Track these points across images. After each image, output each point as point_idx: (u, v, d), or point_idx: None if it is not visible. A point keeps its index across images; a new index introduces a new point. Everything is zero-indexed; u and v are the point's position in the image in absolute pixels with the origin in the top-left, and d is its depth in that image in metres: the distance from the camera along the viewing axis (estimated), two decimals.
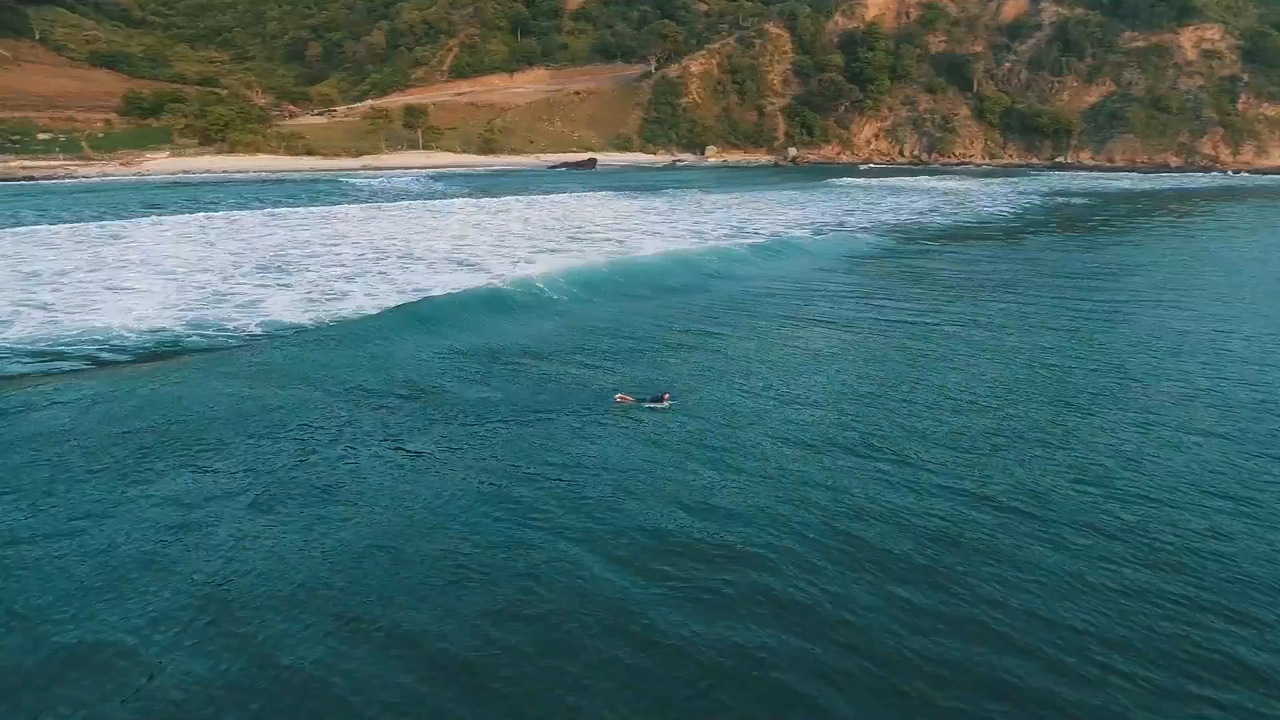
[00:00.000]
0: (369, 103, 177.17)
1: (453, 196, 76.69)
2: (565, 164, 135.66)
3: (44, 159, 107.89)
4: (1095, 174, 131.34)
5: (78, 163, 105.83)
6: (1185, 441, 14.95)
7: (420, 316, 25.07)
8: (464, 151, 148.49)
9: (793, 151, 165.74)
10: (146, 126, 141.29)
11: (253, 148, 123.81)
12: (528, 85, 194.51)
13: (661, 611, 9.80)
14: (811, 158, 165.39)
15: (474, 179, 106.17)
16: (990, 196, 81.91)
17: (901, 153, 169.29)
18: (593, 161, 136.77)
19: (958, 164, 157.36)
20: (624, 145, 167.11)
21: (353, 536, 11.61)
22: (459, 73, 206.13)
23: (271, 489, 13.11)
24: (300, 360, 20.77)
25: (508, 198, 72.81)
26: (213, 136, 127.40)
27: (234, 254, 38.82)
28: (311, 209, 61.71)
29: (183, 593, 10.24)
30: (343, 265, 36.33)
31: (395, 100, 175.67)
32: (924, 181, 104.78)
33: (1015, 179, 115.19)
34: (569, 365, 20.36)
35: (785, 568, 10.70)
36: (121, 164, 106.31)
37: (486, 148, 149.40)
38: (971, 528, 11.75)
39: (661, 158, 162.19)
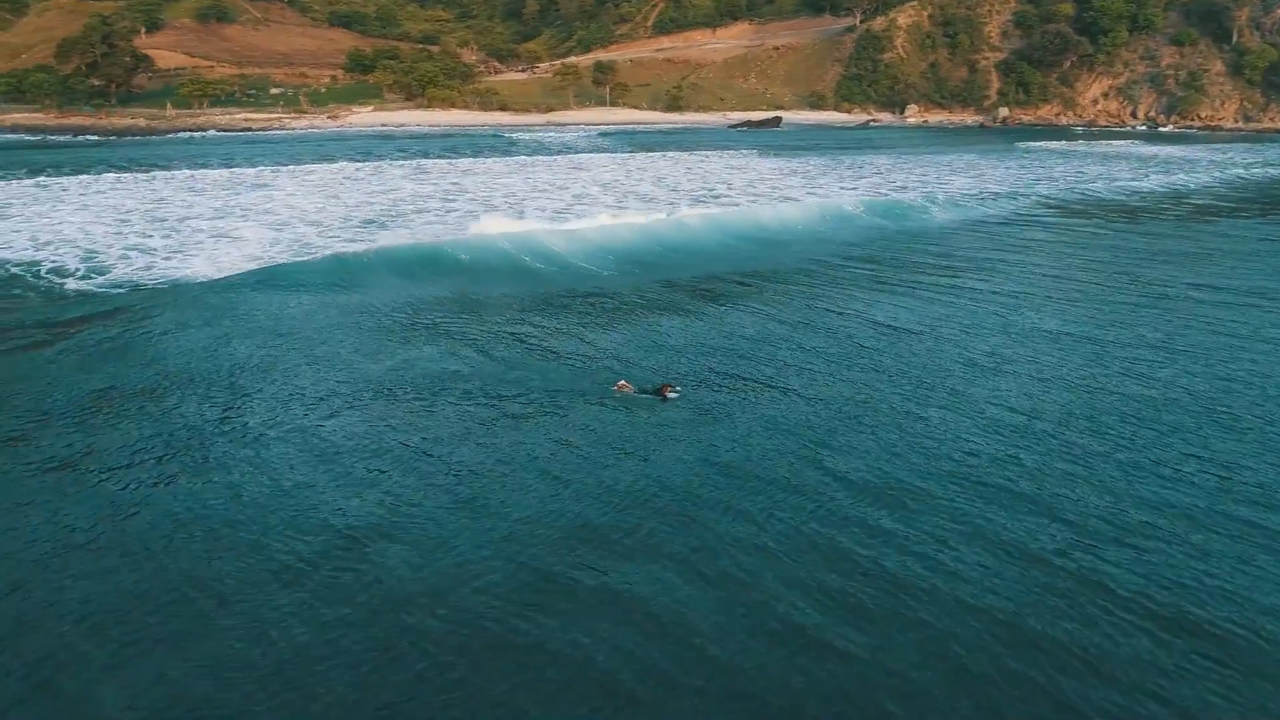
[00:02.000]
0: (574, 59, 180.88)
1: (607, 152, 76.75)
2: (748, 122, 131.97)
3: (265, 112, 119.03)
4: None
5: (292, 115, 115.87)
6: None
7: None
8: (650, 109, 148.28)
9: (1003, 112, 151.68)
10: (364, 82, 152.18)
11: (447, 103, 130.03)
12: (728, 40, 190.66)
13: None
14: (1025, 119, 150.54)
15: (644, 136, 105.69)
16: (1219, 166, 70.54)
17: (1134, 114, 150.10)
18: (777, 120, 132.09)
19: (1201, 128, 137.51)
20: (817, 103, 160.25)
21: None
22: (662, 28, 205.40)
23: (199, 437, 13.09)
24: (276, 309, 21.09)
25: (656, 154, 71.84)
26: (415, 92, 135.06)
27: (350, 206, 40.32)
28: (459, 161, 63.74)
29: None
30: (438, 221, 36.70)
31: (595, 56, 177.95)
32: (1146, 148, 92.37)
33: (1265, 146, 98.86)
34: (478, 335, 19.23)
35: None
36: (329, 117, 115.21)
37: (673, 105, 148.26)
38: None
39: (855, 117, 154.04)
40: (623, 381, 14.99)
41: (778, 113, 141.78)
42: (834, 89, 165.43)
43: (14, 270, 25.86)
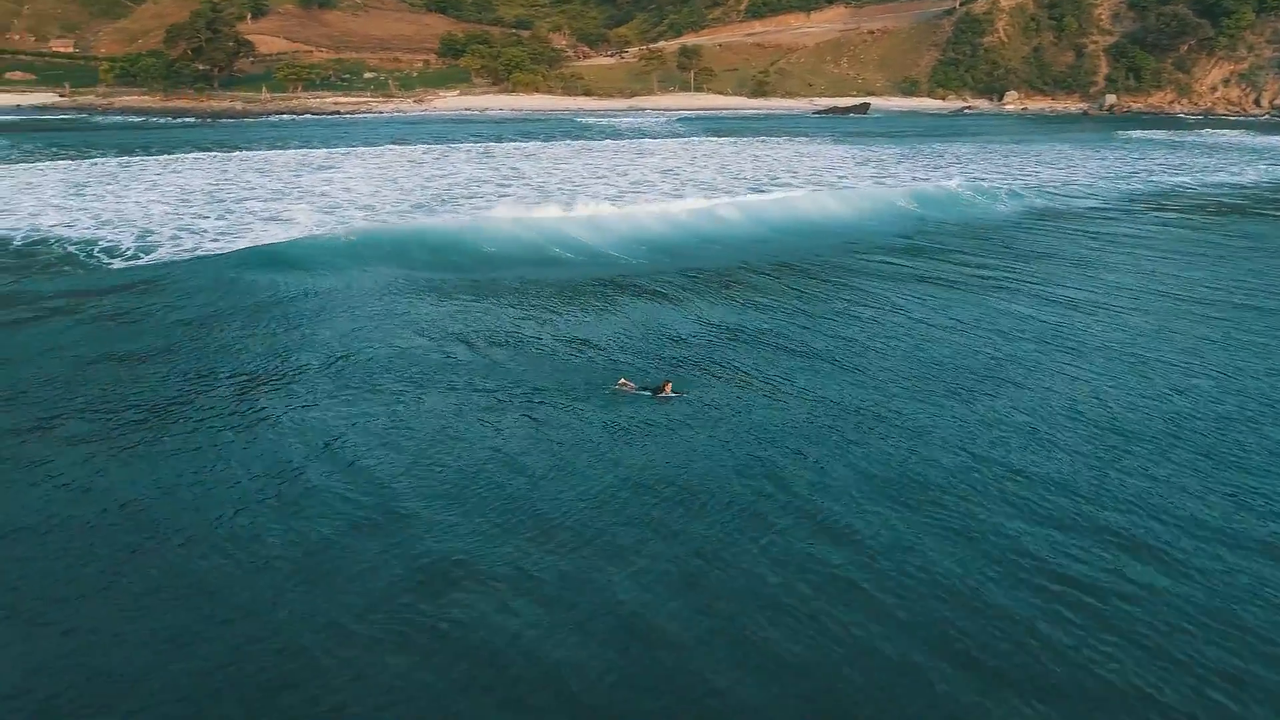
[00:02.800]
0: (661, 44, 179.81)
1: (679, 137, 75.89)
2: (834, 109, 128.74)
3: (354, 96, 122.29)
4: None
5: (380, 100, 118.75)
6: None
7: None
8: (735, 94, 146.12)
9: (1110, 99, 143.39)
10: (455, 67, 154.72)
11: (531, 88, 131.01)
12: (822, 24, 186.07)
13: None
14: (1134, 106, 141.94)
15: (722, 121, 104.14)
16: None
17: (1257, 102, 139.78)
18: (865, 106, 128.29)
19: None
20: (910, 89, 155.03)
21: None
22: (754, 12, 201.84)
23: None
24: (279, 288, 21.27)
25: (726, 140, 70.67)
26: (501, 77, 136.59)
27: (405, 190, 40.70)
28: (526, 145, 63.99)
29: None
30: (485, 206, 36.61)
31: (685, 41, 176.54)
32: (1259, 139, 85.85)
33: None
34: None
35: None
36: (415, 101, 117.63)
37: (758, 91, 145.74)
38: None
39: (950, 104, 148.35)
40: (624, 380, 14.35)
41: (866, 99, 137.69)
42: (929, 75, 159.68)
43: (69, 248, 26.79)
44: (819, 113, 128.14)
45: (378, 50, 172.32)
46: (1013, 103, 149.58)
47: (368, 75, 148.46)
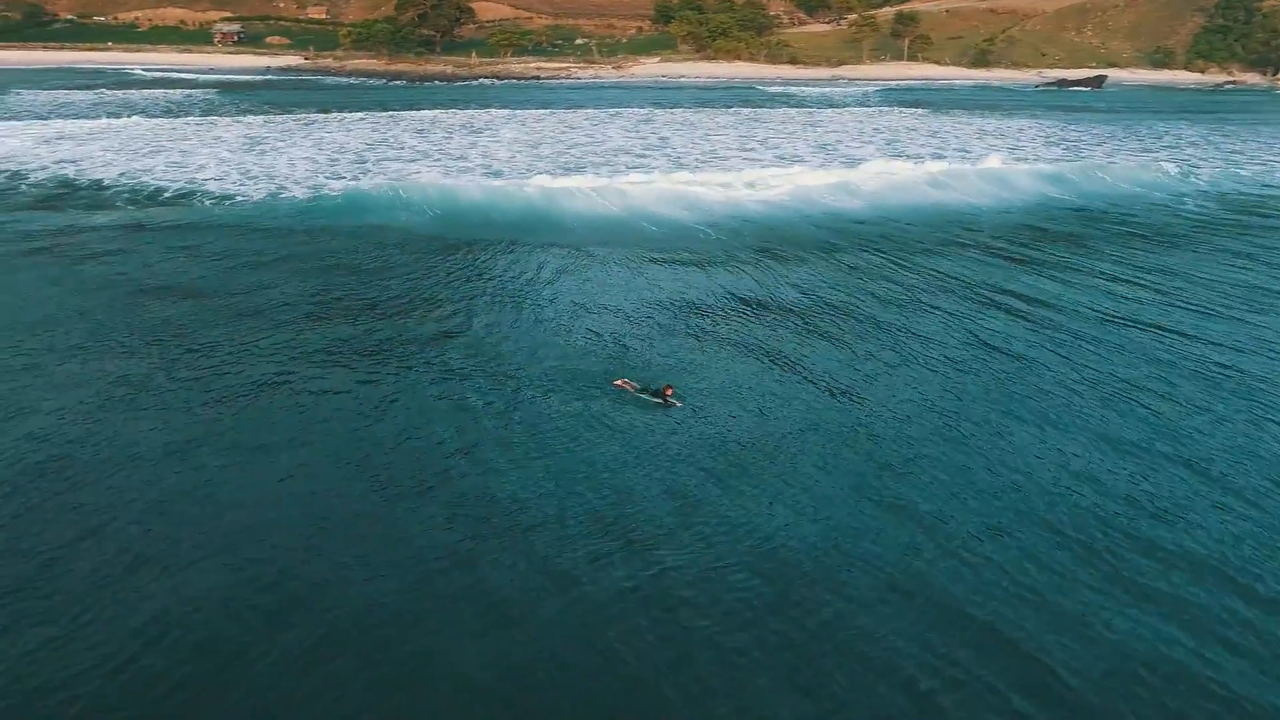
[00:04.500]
0: (874, 12, 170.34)
1: (865, 107, 71.68)
2: (1063, 81, 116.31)
3: (555, 61, 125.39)
4: None
5: (580, 65, 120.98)
6: None
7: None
8: (952, 64, 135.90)
9: None
10: (666, 33, 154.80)
11: (732, 55, 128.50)
12: None
13: None
14: None
15: (926, 93, 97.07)
16: None
17: None
18: (1100, 80, 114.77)
19: None
20: (1162, 61, 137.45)
21: None
22: None
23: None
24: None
25: (911, 112, 65.79)
26: (706, 44, 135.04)
27: (541, 155, 40.83)
28: (695, 113, 62.61)
29: None
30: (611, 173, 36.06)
31: (909, 6, 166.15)
32: None
33: None
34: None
35: None
36: (614, 68, 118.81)
37: (979, 60, 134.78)
38: None
39: (1211, 77, 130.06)
40: (623, 379, 13.22)
41: (1103, 71, 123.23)
42: (1188, 44, 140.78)
43: (207, 201, 28.81)
44: (1044, 86, 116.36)
45: (594, 16, 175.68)
46: None
47: (579, 41, 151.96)
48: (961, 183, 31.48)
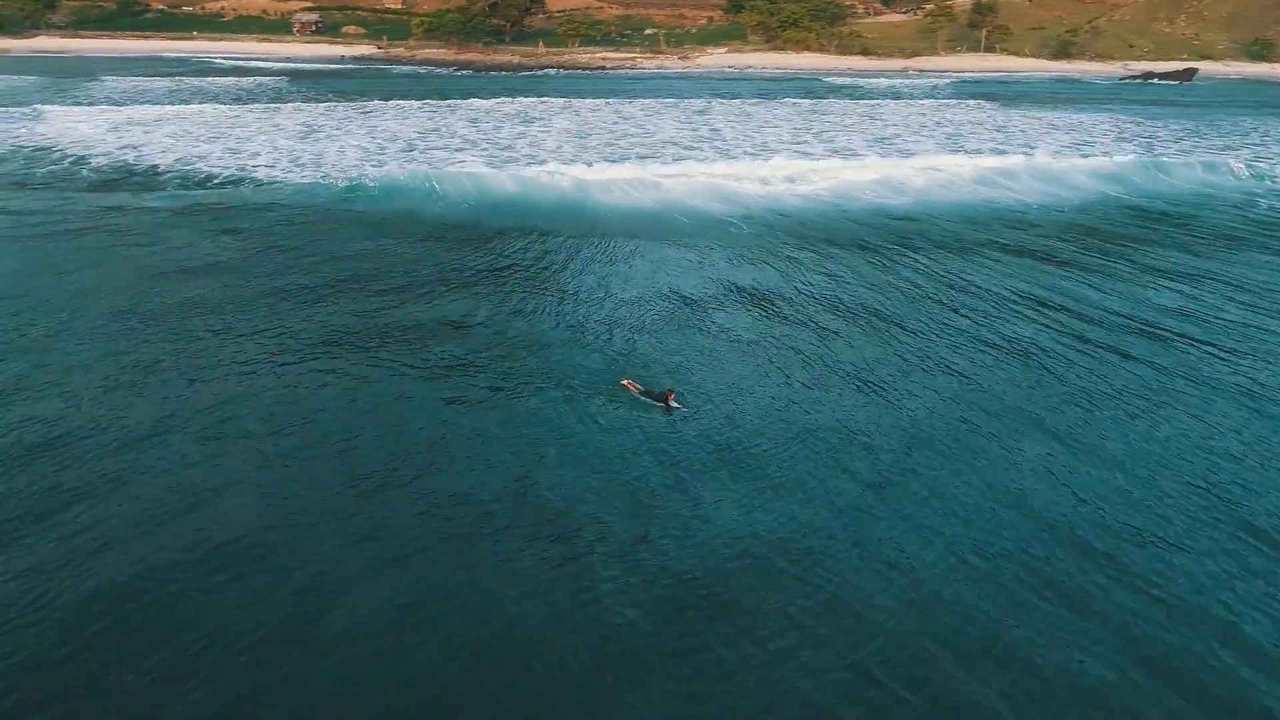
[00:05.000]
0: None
1: (933, 99, 69.50)
2: (1149, 74, 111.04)
3: (620, 51, 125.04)
4: None
5: (646, 56, 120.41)
6: None
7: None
8: (1033, 56, 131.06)
9: None
10: (736, 24, 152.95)
11: (801, 46, 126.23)
12: None
13: None
14: None
15: (1001, 86, 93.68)
16: None
17: None
18: (1190, 73, 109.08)
19: None
20: (1260, 53, 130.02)
21: None
22: None
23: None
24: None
25: (976, 105, 63.60)
26: (776, 34, 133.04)
27: (585, 146, 40.52)
28: (752, 104, 61.62)
29: None
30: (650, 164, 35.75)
31: None
32: None
33: None
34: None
35: None
36: (680, 59, 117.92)
37: (1062, 52, 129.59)
38: None
39: None
40: (628, 379, 12.91)
41: (1194, 64, 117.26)
42: None
43: (248, 188, 29.39)
44: (1128, 78, 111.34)
45: (664, 6, 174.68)
46: None
47: (649, 32, 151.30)
48: (1014, 180, 30.24)
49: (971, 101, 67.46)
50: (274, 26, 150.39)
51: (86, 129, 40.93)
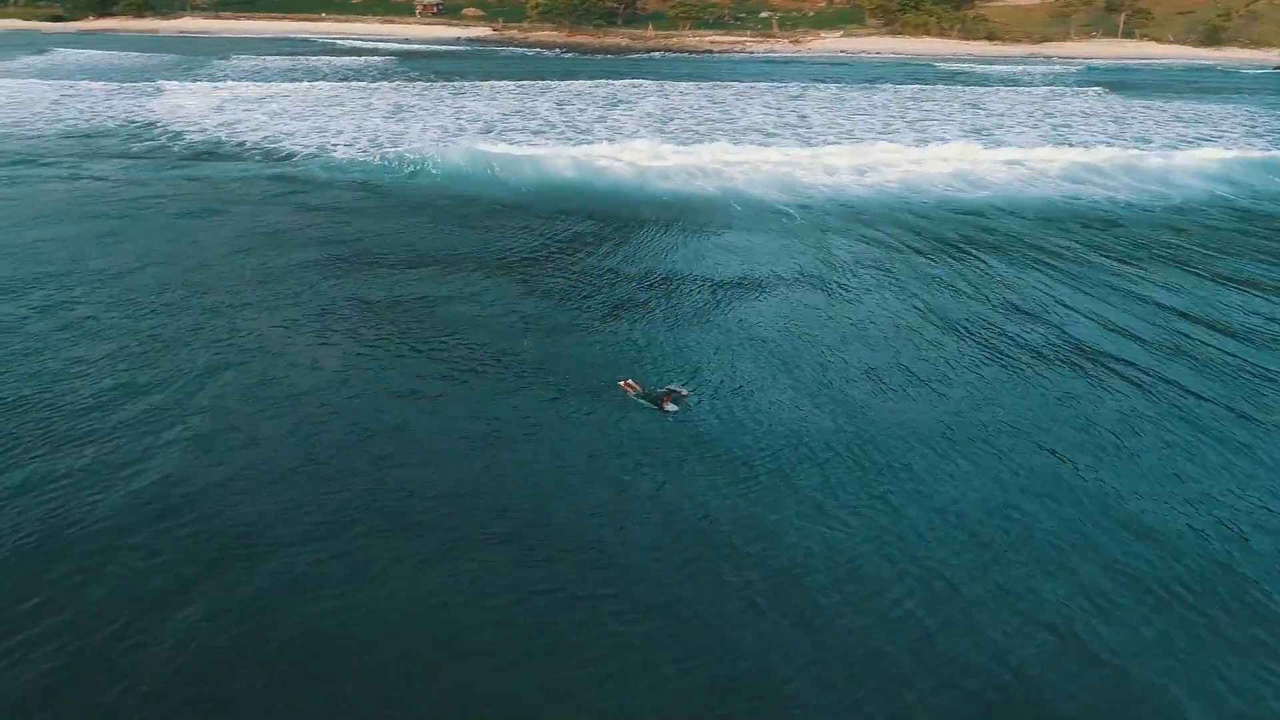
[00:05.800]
0: None
1: (1051, 86, 65.55)
2: None
3: (730, 35, 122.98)
4: None
5: (756, 39, 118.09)
6: None
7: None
8: (1177, 42, 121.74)
9: None
10: (857, 7, 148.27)
11: (921, 30, 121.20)
12: None
13: None
14: None
15: (1135, 74, 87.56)
16: None
17: None
18: None
19: None
20: None
21: None
22: None
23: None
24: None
25: (1096, 94, 59.61)
26: (894, 18, 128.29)
27: (665, 130, 39.93)
28: (850, 90, 59.49)
29: None
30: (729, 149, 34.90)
31: None
32: None
33: None
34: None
35: None
36: (790, 42, 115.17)
37: (1210, 38, 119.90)
38: None
39: None
40: (628, 380, 12.58)
41: None
42: None
43: (319, 167, 30.15)
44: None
45: None
46: None
47: (763, 15, 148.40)
48: (1106, 176, 28.06)
49: (1091, 90, 63.18)
50: (398, 9, 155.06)
51: (193, 105, 43.17)
